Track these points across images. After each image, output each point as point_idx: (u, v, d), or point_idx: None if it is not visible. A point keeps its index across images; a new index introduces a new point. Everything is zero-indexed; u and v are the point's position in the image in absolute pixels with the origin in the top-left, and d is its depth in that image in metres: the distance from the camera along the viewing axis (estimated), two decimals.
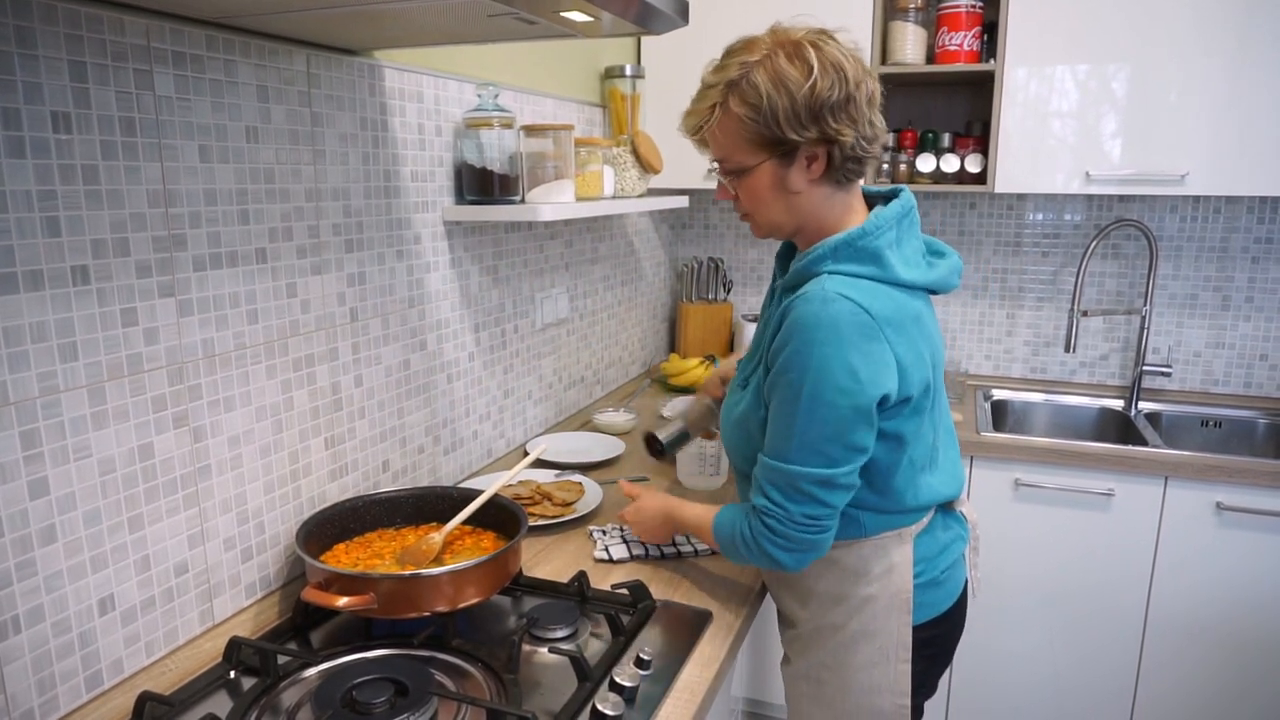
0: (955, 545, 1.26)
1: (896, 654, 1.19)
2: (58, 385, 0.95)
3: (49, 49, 0.91)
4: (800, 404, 1.06)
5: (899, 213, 1.14)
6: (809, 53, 1.06)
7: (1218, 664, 2.03)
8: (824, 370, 1.04)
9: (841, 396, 1.04)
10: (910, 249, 1.15)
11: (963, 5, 2.18)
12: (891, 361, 1.06)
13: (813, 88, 1.05)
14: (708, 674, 1.11)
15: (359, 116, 1.37)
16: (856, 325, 1.04)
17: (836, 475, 1.08)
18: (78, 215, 0.96)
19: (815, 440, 1.06)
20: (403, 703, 0.99)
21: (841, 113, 1.07)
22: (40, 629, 0.96)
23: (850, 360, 1.03)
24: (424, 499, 1.39)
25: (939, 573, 1.22)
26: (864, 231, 1.10)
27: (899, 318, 1.08)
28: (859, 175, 1.14)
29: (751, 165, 1.11)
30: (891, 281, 1.10)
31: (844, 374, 1.03)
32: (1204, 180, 2.07)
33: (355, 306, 1.40)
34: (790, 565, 1.13)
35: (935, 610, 1.23)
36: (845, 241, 1.10)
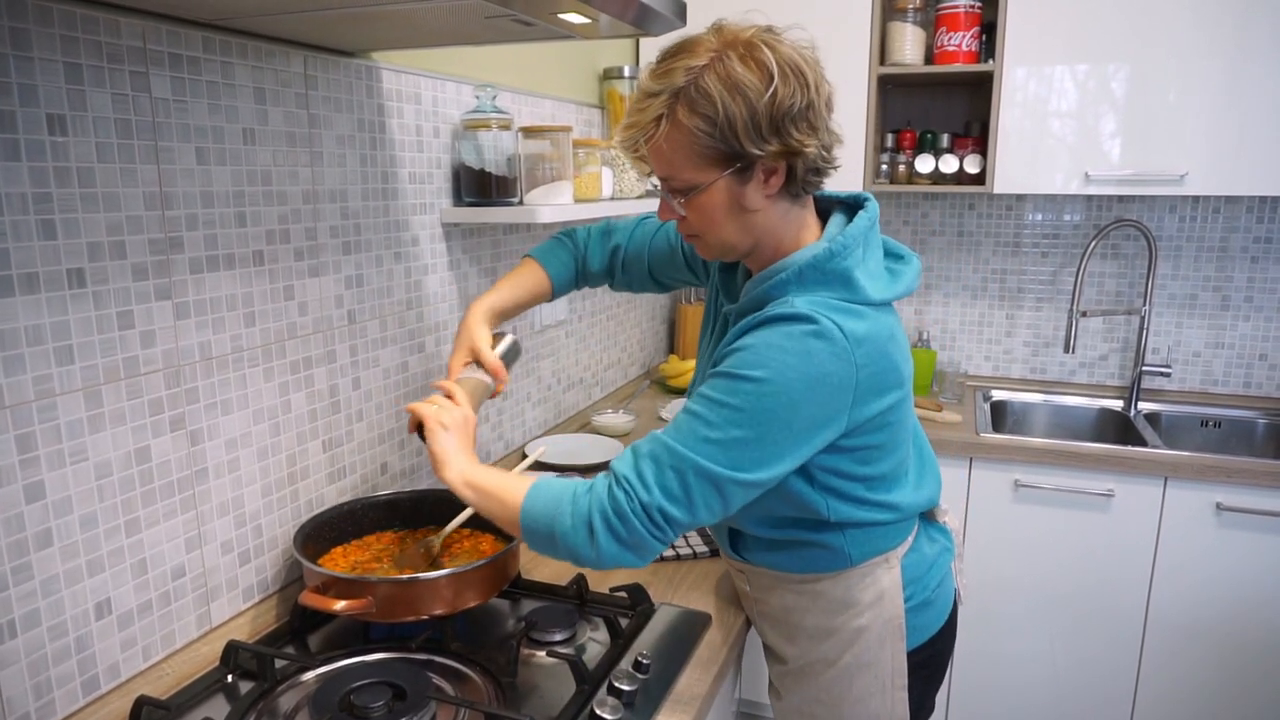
0: (942, 559, 1.20)
1: (893, 682, 1.14)
2: (54, 389, 0.95)
3: (44, 51, 0.91)
4: (734, 399, 0.95)
5: (866, 227, 1.03)
6: (764, 54, 0.94)
7: (1218, 664, 2.03)
8: (783, 393, 0.94)
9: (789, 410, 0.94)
10: (875, 261, 1.05)
11: (961, 5, 2.18)
12: (853, 388, 0.97)
13: (774, 95, 0.93)
14: (707, 677, 1.11)
15: (356, 118, 1.37)
16: (831, 354, 0.95)
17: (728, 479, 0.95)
18: (74, 218, 0.95)
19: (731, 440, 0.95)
20: (401, 706, 0.99)
21: (803, 121, 0.96)
22: (36, 633, 0.95)
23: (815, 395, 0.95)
24: (422, 502, 1.39)
25: (929, 592, 1.17)
26: (831, 252, 1.00)
27: (873, 336, 0.98)
28: (818, 188, 1.04)
29: (703, 183, 0.98)
30: (862, 302, 1.00)
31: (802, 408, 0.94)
32: (1203, 180, 2.07)
33: (353, 309, 1.40)
34: (590, 558, 0.98)
35: (929, 632, 1.18)
36: (812, 264, 0.99)
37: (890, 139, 2.45)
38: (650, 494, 0.96)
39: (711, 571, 1.39)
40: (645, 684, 1.07)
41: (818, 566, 1.12)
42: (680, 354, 2.75)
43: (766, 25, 0.99)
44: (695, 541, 1.48)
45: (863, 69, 2.23)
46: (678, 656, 1.14)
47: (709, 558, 1.44)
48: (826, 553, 1.10)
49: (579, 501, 0.99)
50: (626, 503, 0.96)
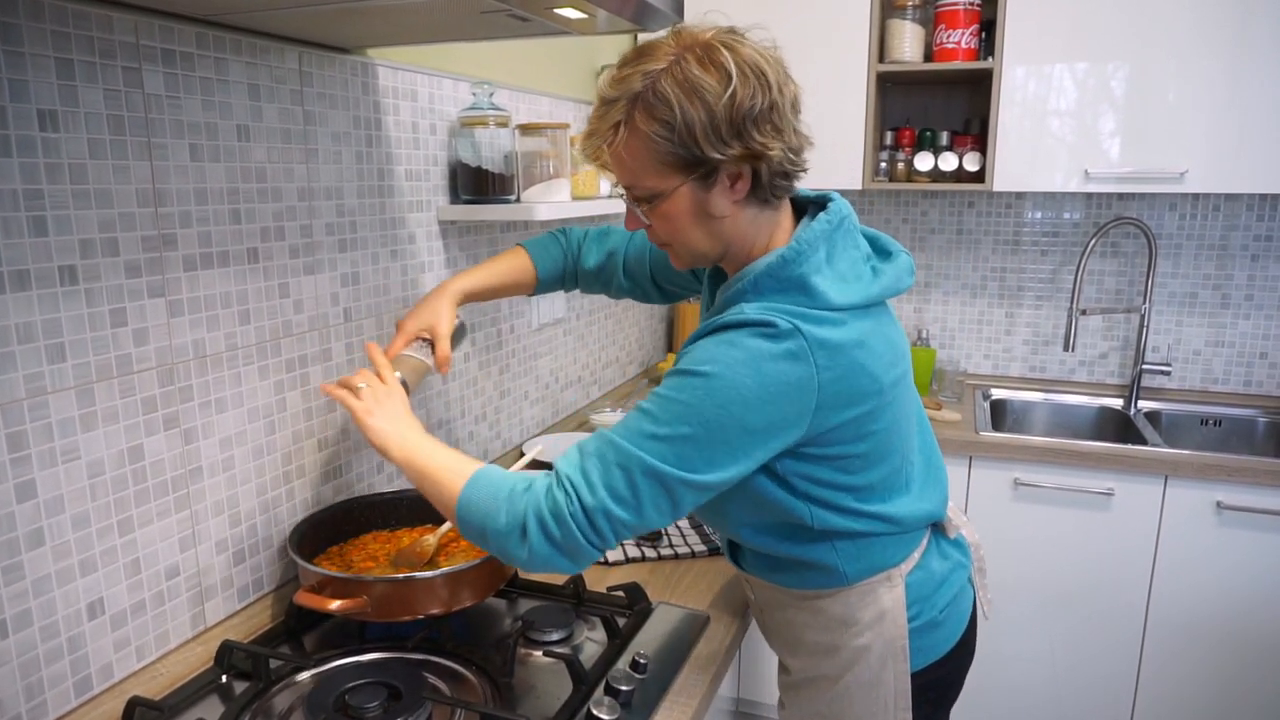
0: (955, 576, 1.14)
1: (895, 703, 1.09)
2: (45, 387, 0.94)
3: (36, 46, 0.90)
4: (682, 395, 0.92)
5: (826, 229, 0.98)
6: (723, 55, 0.91)
7: (1218, 663, 2.03)
8: (730, 389, 0.90)
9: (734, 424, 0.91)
10: (847, 262, 1.00)
11: (961, 3, 2.17)
12: (813, 394, 0.92)
13: (732, 97, 0.90)
14: (704, 677, 1.10)
15: (352, 115, 1.36)
16: (785, 353, 0.91)
17: (675, 478, 0.91)
18: (65, 215, 0.94)
19: (678, 435, 0.91)
20: (396, 707, 0.98)
21: (766, 123, 0.92)
22: (28, 633, 0.94)
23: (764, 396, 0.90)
24: (418, 501, 1.38)
25: (937, 612, 1.11)
26: (784, 259, 0.96)
27: (835, 341, 0.94)
28: (788, 192, 1.00)
29: (665, 190, 0.95)
30: (825, 307, 0.95)
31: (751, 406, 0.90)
32: (1203, 178, 2.06)
33: (349, 307, 1.39)
34: (521, 560, 0.94)
35: (936, 653, 1.11)
36: (766, 273, 0.96)
37: (889, 137, 2.44)
38: (594, 495, 0.92)
39: (710, 570, 1.38)
40: (642, 684, 1.06)
41: (816, 583, 1.09)
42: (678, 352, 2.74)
43: (728, 26, 0.96)
44: (694, 541, 1.47)
45: (862, 67, 2.23)
46: (675, 656, 1.13)
47: (707, 557, 1.43)
48: (821, 571, 1.07)
49: (515, 500, 0.95)
50: (565, 505, 0.92)
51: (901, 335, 1.07)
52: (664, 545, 1.45)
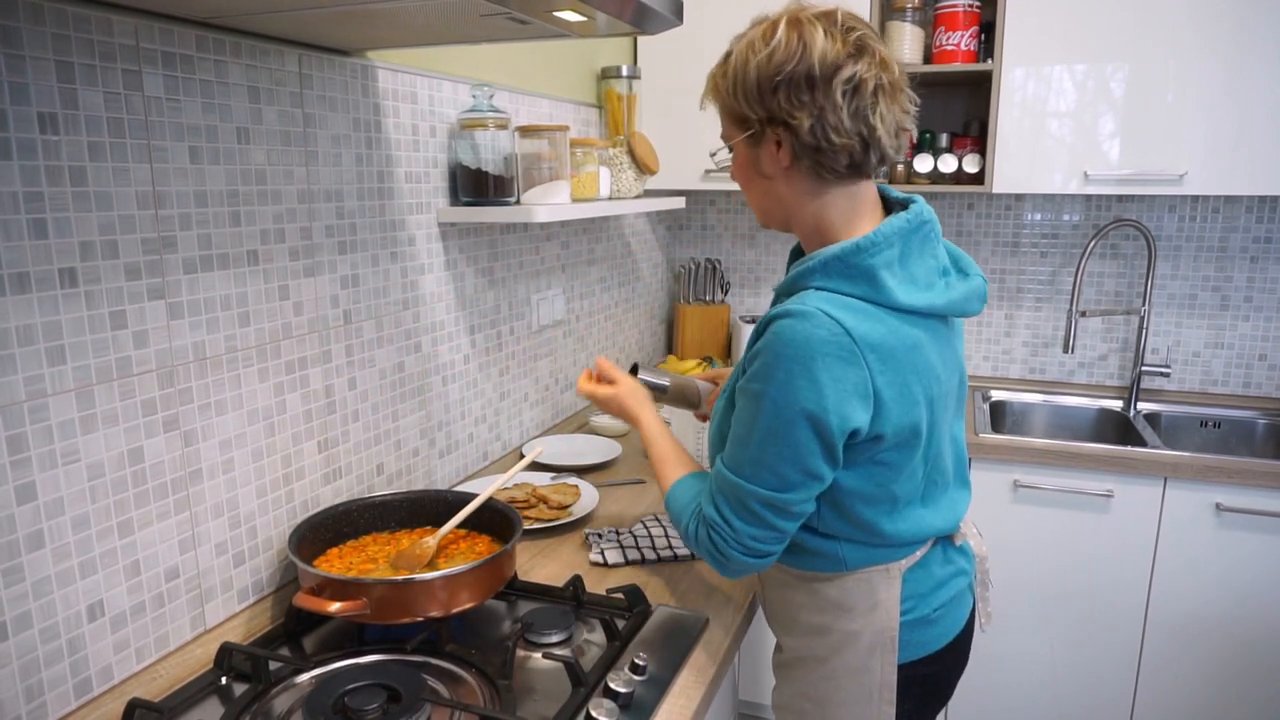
0: (954, 581, 1.15)
1: (880, 694, 1.10)
2: (45, 389, 0.94)
3: (35, 49, 0.90)
4: (761, 419, 0.98)
5: (904, 227, 1.00)
6: (784, 26, 0.97)
7: (1217, 665, 2.03)
8: (790, 390, 0.95)
9: (804, 420, 0.95)
10: (922, 268, 1.02)
11: (960, 5, 2.18)
12: (868, 393, 0.96)
13: (767, 60, 0.96)
14: (704, 679, 1.10)
15: (352, 117, 1.36)
16: (834, 345, 0.94)
17: (789, 501, 1.00)
18: (65, 217, 0.94)
19: (771, 460, 0.98)
20: (395, 709, 0.98)
21: (798, 93, 0.95)
22: (28, 635, 0.94)
23: (819, 379, 0.94)
24: (418, 503, 1.38)
25: (931, 610, 1.12)
26: (858, 247, 0.98)
27: (889, 345, 0.97)
28: (835, 172, 1.00)
29: (729, 141, 1.06)
30: (886, 305, 0.98)
31: (811, 398, 0.94)
32: (1202, 180, 2.07)
33: (349, 309, 1.39)
34: (722, 574, 1.10)
35: (926, 649, 1.13)
36: (838, 256, 0.99)
37: None
38: (734, 529, 1.03)
39: (709, 572, 1.38)
40: (642, 686, 1.06)
41: (816, 566, 1.11)
42: (679, 354, 2.74)
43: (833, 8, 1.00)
44: None
45: None
46: (674, 658, 1.13)
47: None
48: (823, 557, 1.10)
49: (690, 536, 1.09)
50: (722, 544, 1.04)
51: (959, 350, 1.12)
52: (664, 548, 1.45)
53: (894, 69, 0.99)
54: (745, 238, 2.85)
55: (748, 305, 2.89)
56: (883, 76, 0.98)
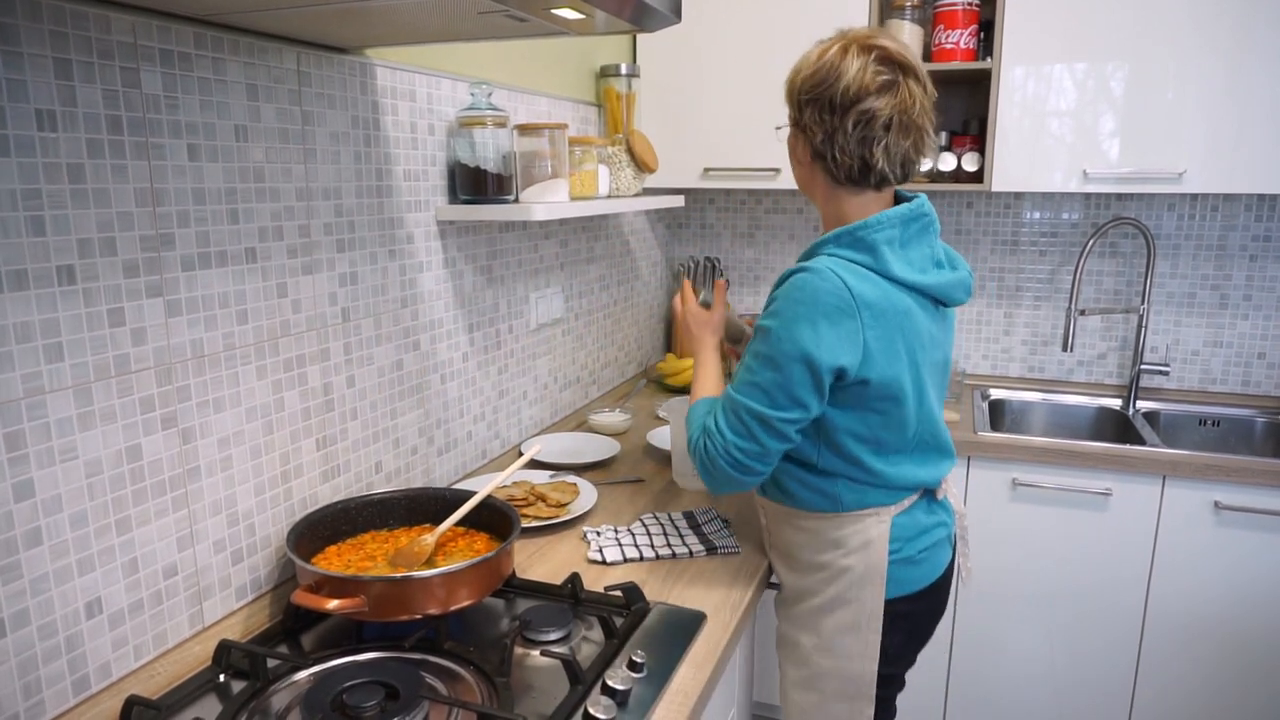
0: (936, 530, 1.33)
1: (869, 624, 1.27)
2: (43, 386, 0.94)
3: (34, 46, 0.90)
4: (764, 349, 1.17)
5: (905, 215, 1.20)
6: (835, 50, 1.19)
7: (1216, 663, 2.03)
8: (793, 330, 1.14)
9: (797, 351, 1.14)
10: (918, 255, 1.22)
11: (959, 3, 2.17)
12: (858, 340, 1.14)
13: (810, 74, 1.19)
14: (701, 676, 1.10)
15: (350, 115, 1.36)
16: (835, 297, 1.13)
17: (774, 419, 1.17)
18: (63, 214, 0.94)
19: (766, 383, 1.17)
20: (393, 706, 0.98)
21: (820, 111, 1.19)
22: (26, 632, 0.95)
23: (818, 324, 1.13)
24: (416, 500, 1.38)
25: (916, 552, 1.29)
26: (865, 224, 1.18)
27: (882, 306, 1.15)
28: (838, 180, 1.23)
29: (785, 124, 1.29)
30: (883, 274, 1.18)
31: (808, 333, 1.13)
32: (1201, 178, 2.07)
33: (347, 306, 1.39)
34: (708, 486, 1.25)
35: (911, 587, 1.30)
36: (848, 230, 1.20)
37: None
38: (724, 437, 1.20)
39: (707, 570, 1.39)
40: (639, 684, 1.06)
41: (816, 506, 1.28)
42: (677, 352, 2.74)
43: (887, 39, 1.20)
44: (691, 541, 1.47)
45: None
46: (672, 655, 1.13)
47: (705, 556, 1.43)
48: (822, 496, 1.27)
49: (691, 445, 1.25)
50: (713, 451, 1.21)
51: (947, 337, 1.32)
52: (662, 546, 1.45)
53: (916, 108, 1.18)
54: (744, 236, 2.85)
55: (747, 303, 2.89)
56: (899, 115, 1.17)
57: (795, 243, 2.79)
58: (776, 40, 2.25)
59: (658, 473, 1.82)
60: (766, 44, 2.26)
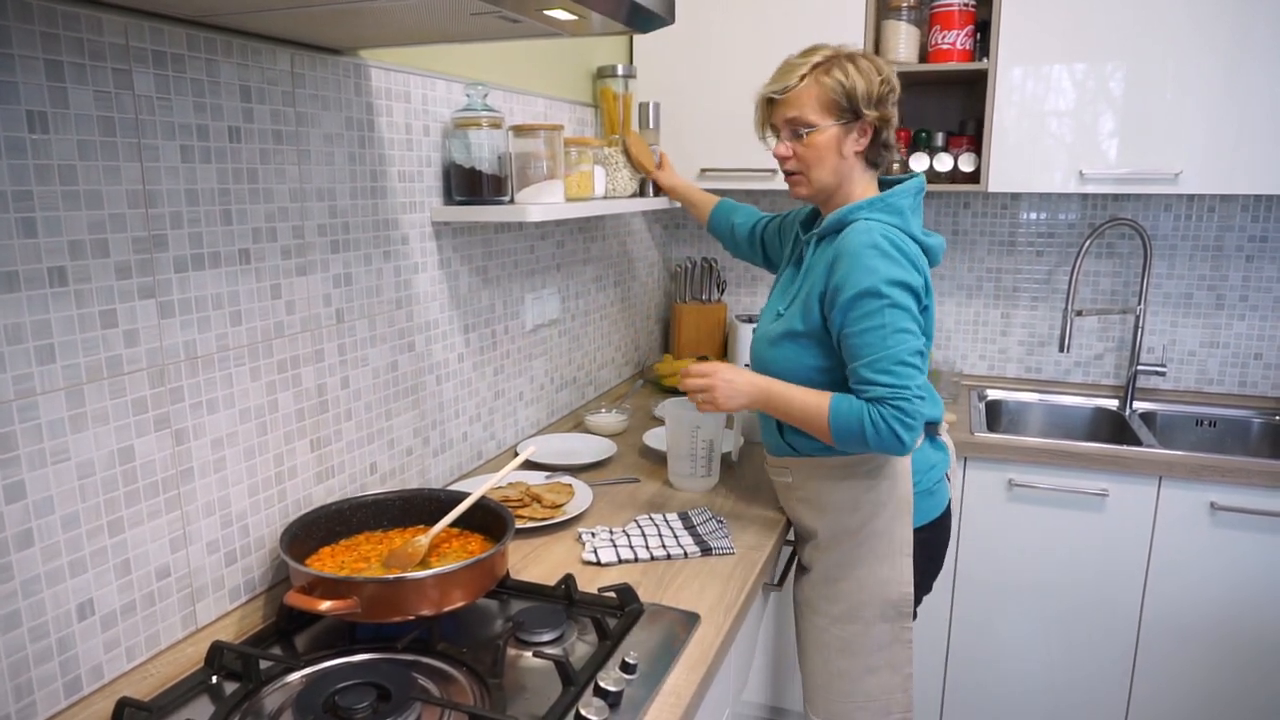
0: (940, 464, 1.53)
1: (901, 550, 1.44)
2: (34, 388, 0.94)
3: (24, 48, 0.90)
4: (876, 303, 1.31)
5: (915, 187, 1.45)
6: (866, 58, 1.42)
7: (1212, 664, 2.03)
8: (883, 274, 1.32)
9: (901, 289, 1.32)
10: (918, 221, 1.45)
11: (955, 4, 2.18)
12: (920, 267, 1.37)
13: (884, 81, 1.42)
14: (695, 677, 1.10)
15: (345, 116, 1.36)
16: (893, 244, 1.34)
17: (920, 345, 1.34)
18: (55, 216, 0.94)
19: (899, 323, 1.32)
20: (385, 708, 0.98)
21: (890, 105, 1.43)
22: (17, 634, 0.94)
23: (898, 263, 1.33)
24: (411, 501, 1.38)
25: (932, 484, 1.50)
26: (894, 192, 1.42)
27: (914, 251, 1.38)
28: (884, 161, 1.47)
29: (821, 125, 1.41)
30: (907, 232, 1.39)
31: (899, 272, 1.32)
32: (1198, 179, 2.07)
33: (341, 308, 1.39)
34: (908, 444, 1.32)
35: (929, 515, 1.49)
36: (877, 198, 1.42)
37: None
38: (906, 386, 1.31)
39: (702, 572, 1.38)
40: (632, 685, 1.06)
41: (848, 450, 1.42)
42: (675, 353, 2.74)
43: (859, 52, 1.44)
44: (686, 542, 1.47)
45: None
46: (666, 657, 1.13)
47: (699, 557, 1.43)
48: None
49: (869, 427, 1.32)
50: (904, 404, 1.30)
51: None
52: (657, 547, 1.45)
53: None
54: None
55: (744, 304, 2.89)
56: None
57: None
58: (773, 40, 2.25)
59: (654, 473, 1.82)
60: (764, 44, 2.26)
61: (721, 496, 1.70)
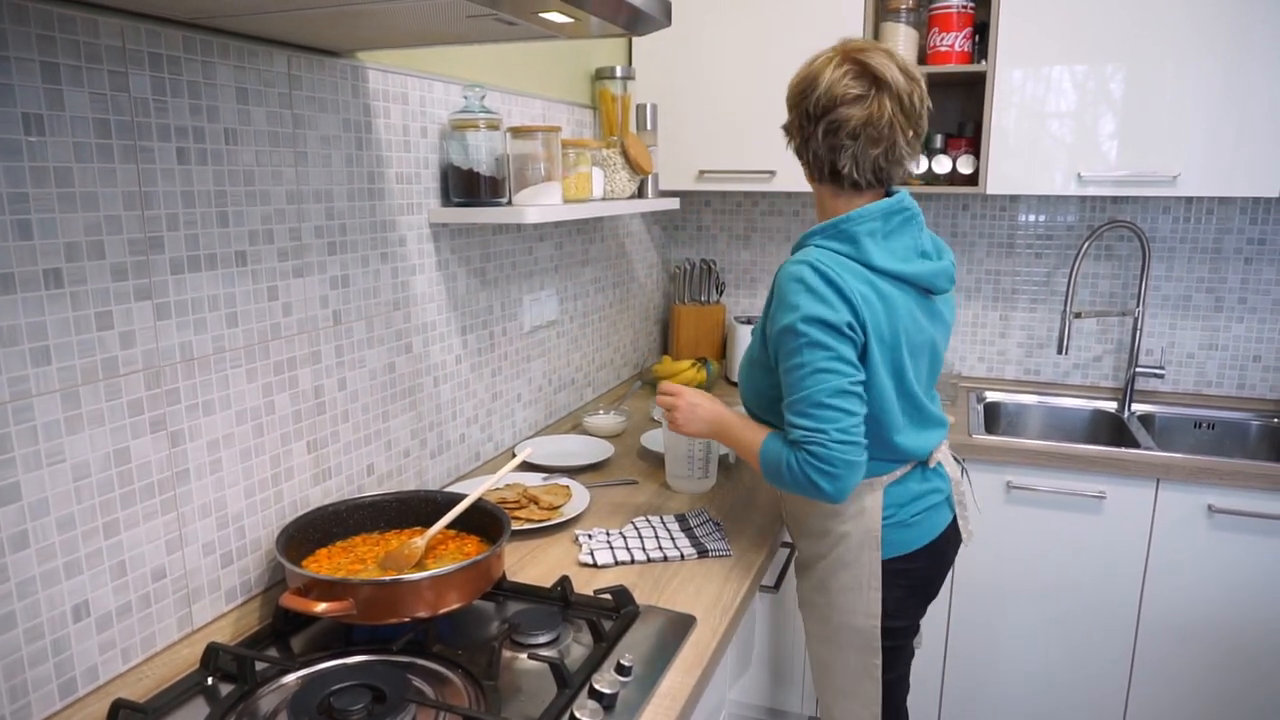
0: (930, 496, 1.42)
1: (869, 583, 1.38)
2: (30, 389, 0.94)
3: (20, 50, 0.90)
4: (795, 342, 1.23)
5: (885, 208, 1.29)
6: (822, 59, 1.29)
7: (1210, 666, 2.03)
8: (801, 308, 1.22)
9: (819, 326, 1.22)
10: (900, 245, 1.30)
11: (954, 6, 2.18)
12: (853, 302, 1.23)
13: (796, 82, 1.31)
14: (689, 680, 1.10)
15: (342, 118, 1.36)
16: (822, 277, 1.23)
17: (844, 384, 1.22)
18: (50, 218, 0.95)
19: (817, 361, 1.22)
20: (380, 709, 0.98)
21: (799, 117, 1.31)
22: (12, 635, 0.95)
23: (822, 298, 1.22)
24: (408, 503, 1.38)
25: (909, 516, 1.39)
26: (848, 218, 1.28)
27: (862, 289, 1.24)
28: (822, 180, 1.33)
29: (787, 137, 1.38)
30: (864, 263, 1.27)
31: (817, 305, 1.22)
32: (1196, 181, 2.07)
33: (338, 309, 1.39)
34: (831, 493, 1.23)
35: (906, 548, 1.39)
36: (832, 224, 1.29)
37: None
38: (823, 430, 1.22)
39: (698, 574, 1.39)
40: (626, 687, 1.06)
41: None
42: (674, 354, 2.74)
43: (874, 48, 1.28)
44: (683, 543, 1.47)
45: None
46: (661, 659, 1.13)
47: (696, 559, 1.43)
48: None
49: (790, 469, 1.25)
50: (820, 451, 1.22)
51: (936, 321, 1.38)
52: (654, 549, 1.45)
53: (884, 120, 1.25)
54: (740, 238, 2.85)
55: (743, 306, 2.89)
56: (867, 127, 1.25)
57: (791, 245, 2.79)
58: (772, 43, 2.25)
59: (651, 475, 1.82)
60: (762, 47, 2.26)
61: (718, 498, 1.70)
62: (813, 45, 1.35)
